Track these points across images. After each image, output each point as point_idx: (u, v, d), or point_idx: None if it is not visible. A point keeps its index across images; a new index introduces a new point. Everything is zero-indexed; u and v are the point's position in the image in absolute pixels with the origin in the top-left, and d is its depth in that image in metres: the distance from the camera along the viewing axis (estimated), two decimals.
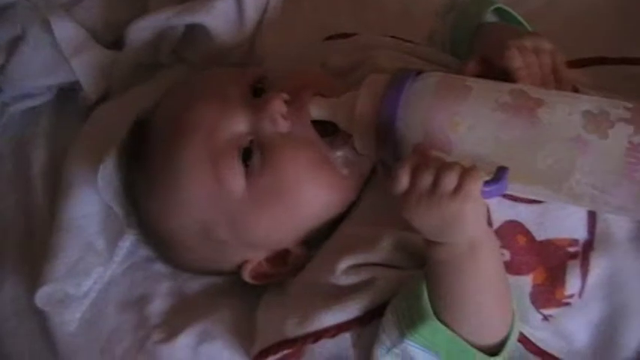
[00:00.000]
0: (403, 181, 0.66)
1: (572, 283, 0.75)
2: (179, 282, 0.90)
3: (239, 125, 0.79)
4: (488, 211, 0.75)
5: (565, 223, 0.75)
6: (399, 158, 0.69)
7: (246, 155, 0.78)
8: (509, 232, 0.76)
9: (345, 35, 0.97)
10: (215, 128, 0.79)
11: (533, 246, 0.76)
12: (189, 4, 0.98)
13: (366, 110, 0.71)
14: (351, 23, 1.06)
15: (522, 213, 0.76)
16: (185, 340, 0.85)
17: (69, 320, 0.88)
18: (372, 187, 0.81)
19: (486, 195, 0.66)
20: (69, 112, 1.02)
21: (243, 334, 0.85)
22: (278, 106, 0.78)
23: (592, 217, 0.76)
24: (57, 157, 0.98)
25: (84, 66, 0.99)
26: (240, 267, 0.84)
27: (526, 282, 0.76)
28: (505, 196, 0.75)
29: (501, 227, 0.76)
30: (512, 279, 0.75)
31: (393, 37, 0.95)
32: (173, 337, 0.85)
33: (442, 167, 0.65)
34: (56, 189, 0.94)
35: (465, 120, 0.67)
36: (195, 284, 0.90)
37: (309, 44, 1.00)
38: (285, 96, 0.78)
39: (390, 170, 0.69)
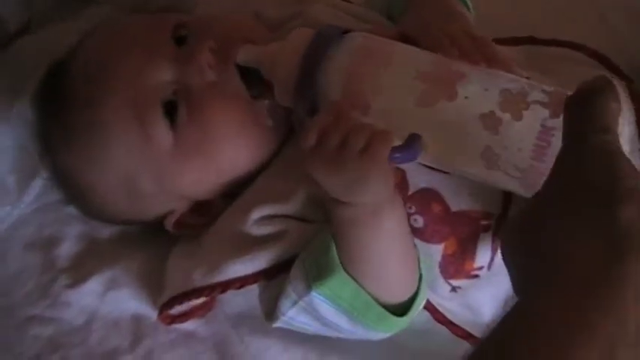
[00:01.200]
0: (312, 136, 0.66)
1: (482, 256, 0.76)
2: (90, 226, 0.88)
3: (163, 74, 0.77)
4: (405, 175, 0.76)
5: (481, 195, 0.76)
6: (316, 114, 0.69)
7: (171, 107, 0.77)
8: (425, 199, 0.76)
9: None
10: (137, 78, 0.77)
11: (447, 216, 0.76)
12: None
13: (288, 61, 0.70)
14: None
15: (440, 182, 0.76)
16: (92, 286, 0.84)
17: None
18: (290, 139, 0.81)
19: (396, 160, 0.66)
20: None
21: (151, 284, 0.84)
22: (205, 57, 0.76)
23: (508, 192, 0.77)
24: None
25: None
26: (162, 217, 0.83)
27: (437, 250, 0.76)
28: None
29: (417, 193, 0.76)
30: (423, 246, 0.76)
31: None
32: (80, 283, 0.84)
33: (353, 127, 0.65)
34: None
35: (384, 85, 0.67)
36: (106, 230, 0.88)
37: None
38: (212, 44, 0.77)
39: (303, 125, 0.68)
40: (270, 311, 0.77)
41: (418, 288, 0.74)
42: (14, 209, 0.87)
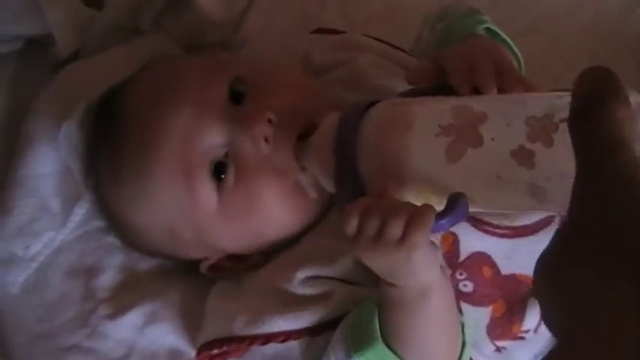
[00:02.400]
0: (352, 224, 0.64)
1: (530, 319, 0.77)
2: (132, 257, 0.88)
3: (216, 137, 0.77)
4: (456, 241, 0.76)
5: (532, 260, 0.75)
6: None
7: (220, 168, 0.77)
8: (476, 264, 0.76)
9: (334, 31, 0.96)
10: (191, 138, 0.76)
11: (498, 279, 0.76)
12: None
13: (322, 153, 0.69)
14: (335, 17, 1.05)
15: (492, 246, 0.76)
16: (131, 319, 0.84)
17: (11, 282, 0.85)
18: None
19: (442, 227, 0.63)
20: (36, 66, 0.98)
21: (190, 319, 0.85)
22: (263, 129, 0.75)
23: None
24: (17, 110, 0.94)
25: (60, 19, 0.95)
26: (199, 260, 0.84)
27: (485, 313, 0.77)
28: (477, 227, 0.76)
29: (469, 258, 0.76)
30: (472, 310, 0.76)
31: (379, 40, 0.94)
32: (120, 314, 0.84)
33: (389, 213, 0.63)
34: (14, 142, 0.90)
35: (412, 151, 0.65)
36: (147, 262, 0.88)
37: (294, 35, 0.98)
38: (271, 116, 0.76)
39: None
40: None
41: (460, 356, 0.73)
42: (58, 235, 0.87)
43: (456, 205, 0.63)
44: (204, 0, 0.94)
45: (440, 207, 0.64)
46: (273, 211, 0.78)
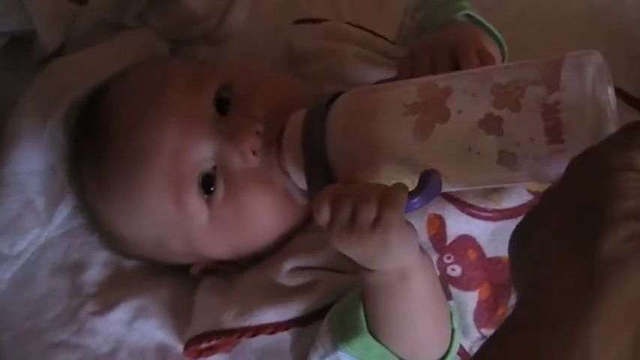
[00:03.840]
0: (323, 214, 0.63)
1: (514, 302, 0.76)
2: None
3: (205, 152, 0.76)
4: (443, 225, 0.75)
5: None
6: None
7: (209, 181, 0.76)
8: (462, 247, 0.76)
9: (315, 20, 0.95)
10: (180, 153, 0.76)
11: (482, 262, 0.76)
12: None
13: (291, 149, 0.69)
14: (322, 9, 1.04)
15: (477, 228, 0.76)
16: (120, 315, 0.84)
17: None
18: None
19: (415, 206, 0.62)
20: (19, 62, 0.98)
21: (179, 314, 0.84)
22: (251, 142, 0.75)
23: None
24: (2, 107, 0.93)
25: (43, 14, 0.95)
26: (189, 265, 0.84)
27: (472, 297, 0.76)
28: (463, 210, 0.75)
29: (455, 241, 0.76)
30: (459, 294, 0.76)
31: (362, 28, 0.93)
32: (108, 310, 0.84)
33: (359, 197, 0.62)
34: None
35: (380, 135, 0.64)
36: None
37: (278, 27, 0.97)
38: (259, 128, 0.75)
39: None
40: None
41: (450, 343, 0.73)
42: (43, 232, 0.87)
43: (427, 182, 0.62)
44: None
45: (413, 187, 0.63)
46: (263, 221, 0.78)
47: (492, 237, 0.76)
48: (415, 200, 0.62)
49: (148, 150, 0.76)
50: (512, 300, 0.76)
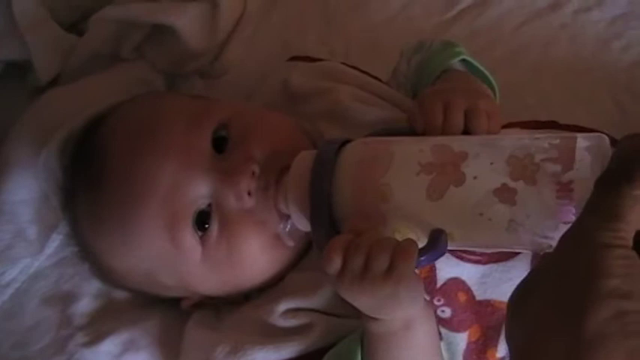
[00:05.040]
0: (335, 262, 0.64)
1: (504, 346, 0.76)
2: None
3: (201, 190, 0.76)
4: (433, 269, 0.76)
5: (506, 286, 0.76)
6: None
7: (203, 218, 0.77)
8: (452, 289, 0.76)
9: (310, 59, 0.96)
10: (176, 191, 0.76)
11: (472, 304, 0.76)
12: (161, 3, 0.95)
13: (297, 192, 0.70)
14: (316, 47, 1.05)
15: (466, 271, 0.76)
16: (109, 347, 0.83)
17: None
18: None
19: (422, 263, 0.64)
20: (15, 92, 0.98)
21: (169, 348, 0.84)
22: (247, 183, 0.75)
23: None
24: None
25: (39, 44, 0.96)
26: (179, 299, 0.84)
27: (462, 339, 0.77)
28: (453, 253, 0.76)
29: (445, 284, 0.76)
30: (450, 335, 0.76)
31: (357, 69, 0.95)
32: (97, 342, 0.83)
33: (373, 247, 0.63)
34: None
35: (392, 190, 0.66)
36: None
37: (273, 64, 0.98)
38: (255, 169, 0.76)
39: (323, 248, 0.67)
40: None
41: None
42: (34, 261, 0.87)
43: (437, 242, 0.64)
44: (186, 29, 0.94)
45: (418, 243, 0.65)
46: (255, 261, 0.78)
47: (482, 280, 0.77)
48: (424, 258, 0.64)
49: (144, 186, 0.76)
50: (503, 347, 0.77)
